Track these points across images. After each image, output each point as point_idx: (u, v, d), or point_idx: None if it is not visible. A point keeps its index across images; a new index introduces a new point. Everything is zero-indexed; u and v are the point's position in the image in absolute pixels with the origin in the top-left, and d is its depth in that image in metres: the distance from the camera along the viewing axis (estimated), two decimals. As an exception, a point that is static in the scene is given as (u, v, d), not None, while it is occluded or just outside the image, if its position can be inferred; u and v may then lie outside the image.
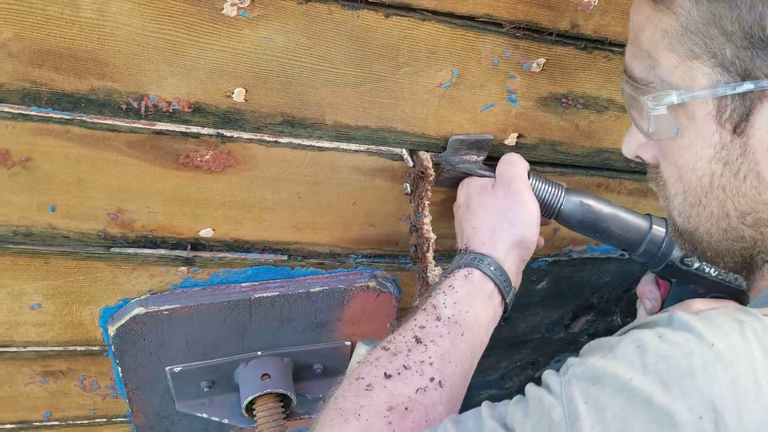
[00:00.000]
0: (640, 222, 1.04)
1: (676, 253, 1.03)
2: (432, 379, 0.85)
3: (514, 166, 1.01)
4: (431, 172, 1.04)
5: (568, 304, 1.53)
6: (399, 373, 0.84)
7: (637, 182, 1.24)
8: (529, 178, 1.02)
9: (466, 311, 0.92)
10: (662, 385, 0.59)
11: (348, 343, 1.33)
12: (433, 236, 1.07)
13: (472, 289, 0.94)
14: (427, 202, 1.06)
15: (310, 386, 1.36)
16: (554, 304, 1.51)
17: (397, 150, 1.06)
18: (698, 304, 1.02)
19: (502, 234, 0.98)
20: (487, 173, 1.05)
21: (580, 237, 1.10)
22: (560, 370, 0.69)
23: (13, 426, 1.33)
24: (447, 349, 0.88)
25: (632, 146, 0.86)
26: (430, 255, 1.07)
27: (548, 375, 0.68)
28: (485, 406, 0.70)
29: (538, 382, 0.77)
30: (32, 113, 0.89)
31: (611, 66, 1.04)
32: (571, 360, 0.68)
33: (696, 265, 1.03)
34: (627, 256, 1.09)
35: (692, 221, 0.77)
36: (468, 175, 1.06)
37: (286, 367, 1.32)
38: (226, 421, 1.33)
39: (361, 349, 1.06)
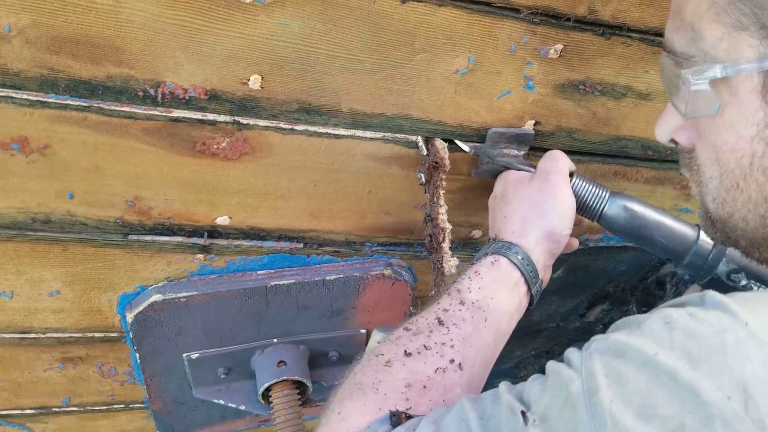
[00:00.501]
0: (687, 231, 1.01)
1: (722, 268, 1.00)
2: (452, 361, 0.84)
3: (555, 161, 1.01)
4: (446, 162, 1.04)
5: (584, 293, 1.53)
6: (419, 352, 0.84)
7: (654, 170, 1.23)
8: (574, 177, 1.01)
9: (490, 297, 0.91)
10: (690, 362, 0.58)
11: (363, 331, 1.34)
12: (448, 226, 1.06)
13: (498, 276, 0.94)
14: (442, 192, 1.06)
15: (325, 373, 1.37)
16: (570, 293, 1.50)
17: (413, 138, 1.05)
18: None
19: (532, 224, 0.97)
20: (526, 168, 1.04)
21: (596, 226, 1.09)
22: (584, 346, 0.67)
23: (32, 411, 1.34)
24: (469, 333, 0.88)
25: (666, 129, 0.81)
26: (445, 245, 1.07)
27: (570, 351, 0.67)
28: (503, 384, 0.70)
29: None
30: (50, 100, 0.89)
31: (629, 52, 1.02)
32: (595, 337, 0.67)
33: (743, 282, 0.99)
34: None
35: (727, 207, 0.73)
36: (507, 168, 1.06)
37: (302, 355, 1.32)
38: (242, 407, 1.34)
39: (376, 336, 1.06)
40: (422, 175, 1.09)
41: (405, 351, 0.84)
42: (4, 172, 0.95)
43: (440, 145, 1.05)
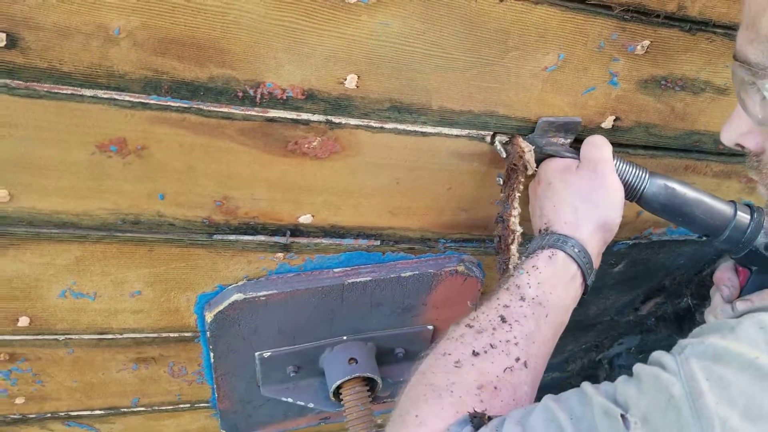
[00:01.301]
0: (725, 208, 1.03)
1: (761, 240, 1.01)
2: (518, 359, 0.85)
3: (600, 148, 1.01)
4: (532, 165, 1.03)
5: (641, 287, 1.54)
6: (486, 352, 0.85)
7: (723, 164, 1.25)
8: (615, 159, 1.01)
9: (549, 292, 0.92)
10: None
11: (431, 327, 1.35)
12: (519, 229, 1.06)
13: (556, 271, 0.95)
14: (518, 194, 1.06)
15: (391, 370, 1.38)
16: (628, 287, 1.52)
17: (498, 135, 1.06)
18: None
19: (585, 215, 0.98)
20: (571, 155, 1.04)
21: (661, 219, 1.10)
22: (672, 350, 0.69)
23: (102, 411, 1.35)
24: (531, 330, 0.89)
25: (733, 134, 0.84)
26: (514, 247, 1.07)
27: (659, 355, 0.68)
28: (587, 385, 0.71)
29: (597, 365, 0.77)
30: (151, 102, 0.90)
31: (712, 48, 1.03)
32: (685, 341, 0.69)
33: None
34: (707, 240, 1.08)
35: None
36: (552, 156, 1.06)
37: (370, 351, 1.33)
38: (311, 405, 1.35)
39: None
40: (500, 178, 1.09)
41: (473, 351, 0.85)
42: (99, 174, 0.96)
43: (526, 147, 1.04)
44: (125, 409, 1.36)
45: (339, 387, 1.29)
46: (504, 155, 1.07)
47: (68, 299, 1.11)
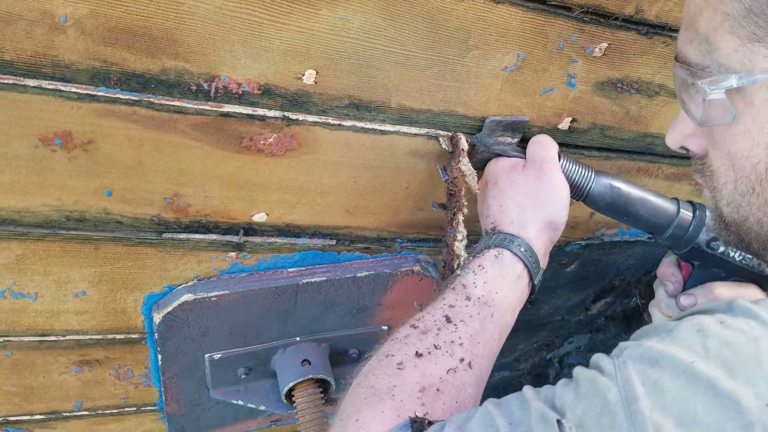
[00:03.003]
0: (668, 205, 1.04)
1: (703, 237, 1.03)
2: (462, 360, 0.84)
3: (545, 147, 1.01)
4: (474, 187, 1.01)
5: (592, 287, 1.56)
6: (429, 353, 0.83)
7: (674, 167, 1.27)
8: (559, 159, 1.02)
9: (495, 292, 0.92)
10: (727, 370, 0.59)
11: (385, 327, 1.33)
12: (464, 254, 1.04)
13: (502, 270, 0.94)
14: (461, 218, 1.04)
15: (345, 371, 1.35)
16: (579, 287, 1.53)
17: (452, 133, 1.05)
18: (721, 287, 1.04)
19: (531, 214, 0.97)
20: (518, 154, 1.04)
21: (613, 221, 1.11)
22: (612, 353, 0.68)
23: (42, 416, 1.29)
24: (476, 330, 0.87)
25: (677, 137, 0.84)
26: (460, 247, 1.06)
27: (599, 357, 0.68)
28: (528, 389, 0.70)
29: (548, 363, 0.76)
30: (99, 94, 0.86)
31: (668, 51, 1.05)
32: (624, 343, 0.68)
33: (722, 249, 1.03)
34: (652, 237, 1.09)
35: (742, 211, 0.75)
36: (500, 155, 1.05)
37: (323, 352, 1.31)
38: (262, 407, 1.32)
39: None
40: (443, 171, 1.07)
41: (416, 352, 0.83)
42: (43, 168, 0.91)
43: (467, 169, 1.02)
44: (67, 414, 1.31)
45: (291, 389, 1.27)
46: (444, 178, 1.05)
47: (7, 299, 1.06)
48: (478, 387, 0.85)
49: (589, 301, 1.61)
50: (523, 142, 1.06)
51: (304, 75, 0.91)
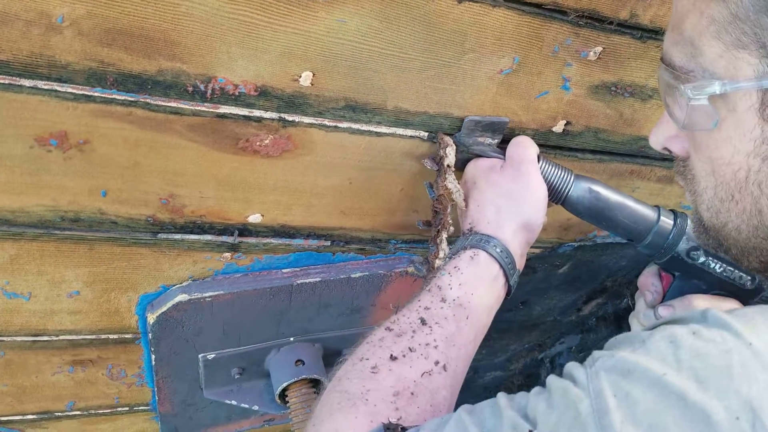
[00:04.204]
0: (648, 212, 1.03)
1: (683, 246, 1.02)
2: (437, 363, 0.83)
3: (525, 148, 1.00)
4: (461, 204, 1.00)
5: (584, 288, 1.57)
6: (404, 356, 0.83)
7: (666, 169, 1.28)
8: (540, 160, 1.01)
9: (471, 293, 0.91)
10: (698, 383, 0.58)
11: (379, 328, 1.33)
12: None
13: (478, 271, 0.93)
14: (445, 236, 1.04)
15: (338, 371, 1.36)
16: (571, 288, 1.54)
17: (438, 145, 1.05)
18: (700, 300, 1.03)
19: (507, 214, 0.97)
20: (497, 155, 1.03)
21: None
22: (585, 362, 0.67)
23: (34, 416, 1.29)
24: (452, 332, 0.87)
25: (660, 138, 0.83)
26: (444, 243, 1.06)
27: (572, 367, 0.67)
28: (502, 396, 0.69)
29: (539, 363, 0.75)
30: (96, 94, 0.86)
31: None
32: (598, 353, 0.67)
33: (702, 259, 1.02)
34: (631, 244, 1.07)
35: (721, 217, 0.74)
36: (479, 156, 1.05)
37: (317, 353, 1.31)
38: (256, 407, 1.32)
39: None
40: (428, 161, 1.06)
41: (391, 355, 0.82)
42: (38, 169, 0.91)
43: (453, 188, 1.00)
44: (59, 414, 1.30)
45: (285, 389, 1.27)
46: (431, 195, 1.05)
47: (0, 299, 1.06)
48: (453, 389, 0.84)
49: (581, 302, 1.62)
50: (504, 144, 1.05)
51: (300, 77, 0.91)
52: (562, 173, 1.02)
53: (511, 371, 1.87)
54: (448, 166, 1.02)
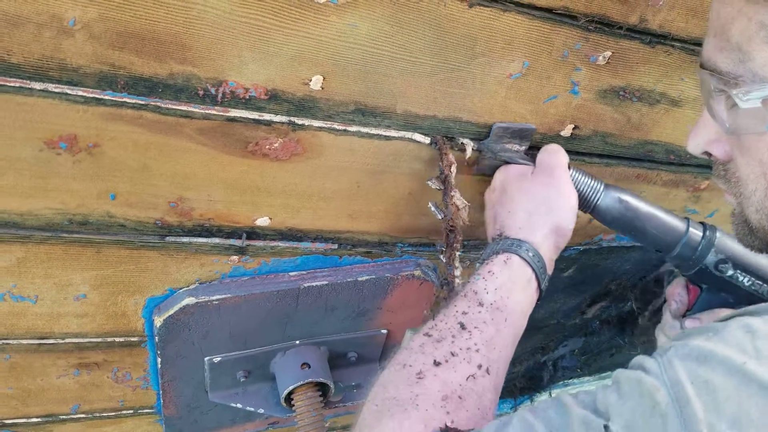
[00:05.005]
0: (678, 224, 1.03)
1: (711, 258, 1.02)
2: (480, 366, 0.83)
3: (556, 155, 1.02)
4: (465, 220, 1.02)
5: (588, 291, 1.57)
6: (447, 360, 0.83)
7: (672, 174, 1.28)
8: (571, 169, 1.02)
9: (507, 297, 0.91)
10: None
11: (384, 331, 1.33)
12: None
13: (512, 275, 0.94)
14: (458, 254, 1.04)
15: (343, 374, 1.36)
16: (576, 291, 1.54)
17: (462, 140, 1.05)
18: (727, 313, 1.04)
19: (539, 219, 0.97)
20: (526, 162, 1.04)
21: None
22: (655, 353, 0.68)
23: (38, 419, 1.28)
24: (492, 336, 0.87)
25: (700, 142, 0.83)
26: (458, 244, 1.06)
27: (641, 359, 0.67)
28: (565, 396, 0.69)
29: (542, 366, 0.74)
30: (106, 98, 0.85)
31: (670, 60, 1.06)
32: (669, 343, 0.68)
33: (730, 272, 1.02)
34: (659, 255, 1.08)
35: None
36: (508, 163, 1.06)
37: (323, 356, 1.31)
38: (261, 410, 1.32)
39: (409, 335, 1.05)
40: (435, 207, 1.08)
41: (434, 361, 0.82)
42: (47, 172, 0.91)
43: (460, 203, 1.02)
44: (64, 417, 1.30)
45: (291, 392, 1.27)
46: (440, 216, 1.05)
47: (7, 302, 1.05)
48: (496, 392, 0.84)
49: (585, 305, 1.62)
50: (531, 150, 1.06)
51: (311, 81, 0.91)
52: (593, 182, 1.03)
53: (514, 374, 1.87)
54: (451, 184, 1.03)
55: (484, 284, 0.92)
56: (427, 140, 1.04)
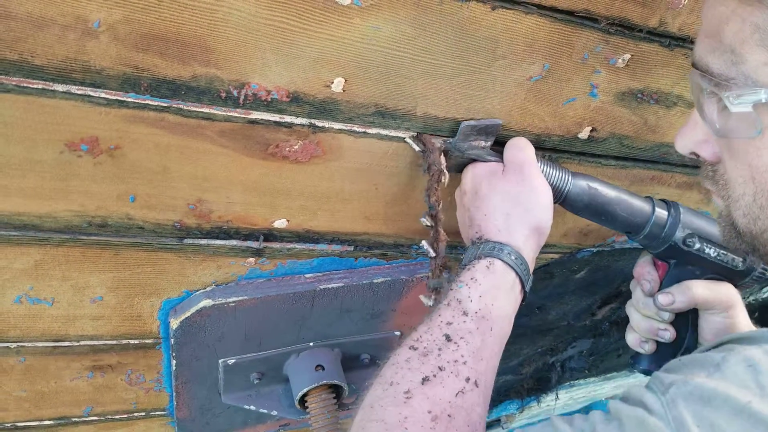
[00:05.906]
0: (644, 205, 1.03)
1: (679, 234, 1.02)
2: (468, 380, 0.81)
3: (523, 150, 0.99)
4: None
5: (599, 293, 1.57)
6: (435, 376, 0.81)
7: (686, 176, 1.28)
8: (539, 162, 1.00)
9: (491, 304, 0.89)
10: None
11: (398, 333, 1.33)
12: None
13: (496, 281, 0.91)
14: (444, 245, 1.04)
15: (356, 375, 1.35)
16: (587, 293, 1.54)
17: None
18: (698, 286, 1.03)
19: (518, 220, 0.95)
20: (494, 159, 1.01)
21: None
22: (653, 387, 0.67)
23: (51, 422, 1.28)
24: (478, 346, 0.85)
25: (689, 142, 0.81)
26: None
27: (640, 393, 0.65)
28: (559, 420, 0.67)
29: (551, 367, 0.72)
30: (129, 100, 0.85)
31: (688, 63, 1.05)
32: (667, 378, 0.67)
33: (697, 246, 1.03)
34: (629, 237, 1.07)
35: (760, 223, 0.73)
36: (474, 161, 1.02)
37: (336, 358, 1.31)
38: (275, 412, 1.31)
39: None
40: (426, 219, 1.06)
41: (422, 378, 0.80)
42: (67, 174, 0.90)
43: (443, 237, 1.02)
44: (77, 419, 1.29)
45: (305, 394, 1.27)
46: (432, 254, 1.04)
47: (23, 305, 1.05)
48: (485, 404, 0.83)
49: (595, 307, 1.62)
50: (496, 146, 1.04)
51: (332, 83, 0.91)
52: (560, 173, 1.01)
53: (522, 375, 1.87)
54: (441, 172, 1.01)
55: (467, 292, 0.89)
56: (446, 140, 1.03)
